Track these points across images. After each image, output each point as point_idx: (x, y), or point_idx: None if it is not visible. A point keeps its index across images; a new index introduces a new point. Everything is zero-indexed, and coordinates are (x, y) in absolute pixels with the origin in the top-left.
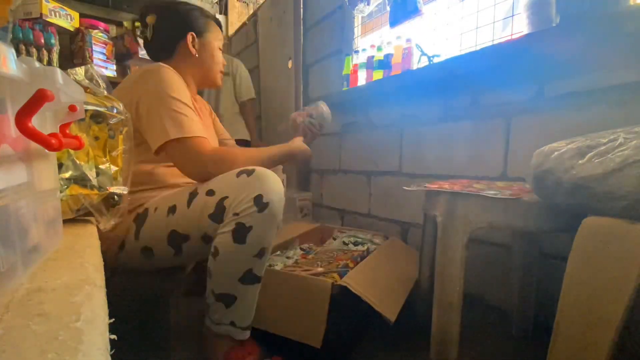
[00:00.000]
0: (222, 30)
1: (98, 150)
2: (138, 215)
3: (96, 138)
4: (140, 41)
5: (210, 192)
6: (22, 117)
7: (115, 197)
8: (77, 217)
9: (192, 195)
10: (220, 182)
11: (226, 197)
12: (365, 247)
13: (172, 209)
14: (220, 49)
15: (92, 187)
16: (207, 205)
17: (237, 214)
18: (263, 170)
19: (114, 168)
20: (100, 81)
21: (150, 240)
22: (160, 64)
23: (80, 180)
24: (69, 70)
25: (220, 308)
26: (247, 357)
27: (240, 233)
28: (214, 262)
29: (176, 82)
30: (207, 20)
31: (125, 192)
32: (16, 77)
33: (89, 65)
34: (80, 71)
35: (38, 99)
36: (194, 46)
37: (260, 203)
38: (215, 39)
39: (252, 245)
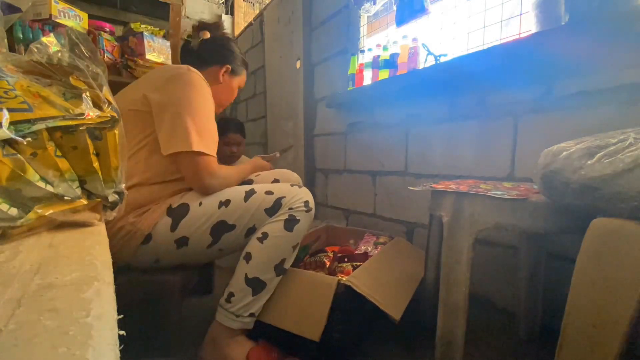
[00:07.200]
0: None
1: (80, 158)
2: (171, 210)
3: (74, 147)
4: (180, 43)
5: (269, 192)
6: None
7: (110, 197)
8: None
9: (250, 193)
10: (279, 188)
11: (283, 197)
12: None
13: (226, 203)
14: (236, 89)
15: (74, 199)
16: (265, 201)
17: (291, 209)
18: (306, 188)
19: (111, 169)
20: (84, 48)
21: (189, 230)
22: (192, 68)
23: (52, 198)
24: (31, 45)
25: (247, 295)
26: (270, 356)
27: (291, 223)
28: (260, 246)
29: (207, 93)
30: (243, 67)
31: (122, 189)
32: None
33: (67, 29)
34: (49, 41)
35: None
36: (223, 76)
37: (307, 206)
38: (240, 83)
39: (295, 236)
